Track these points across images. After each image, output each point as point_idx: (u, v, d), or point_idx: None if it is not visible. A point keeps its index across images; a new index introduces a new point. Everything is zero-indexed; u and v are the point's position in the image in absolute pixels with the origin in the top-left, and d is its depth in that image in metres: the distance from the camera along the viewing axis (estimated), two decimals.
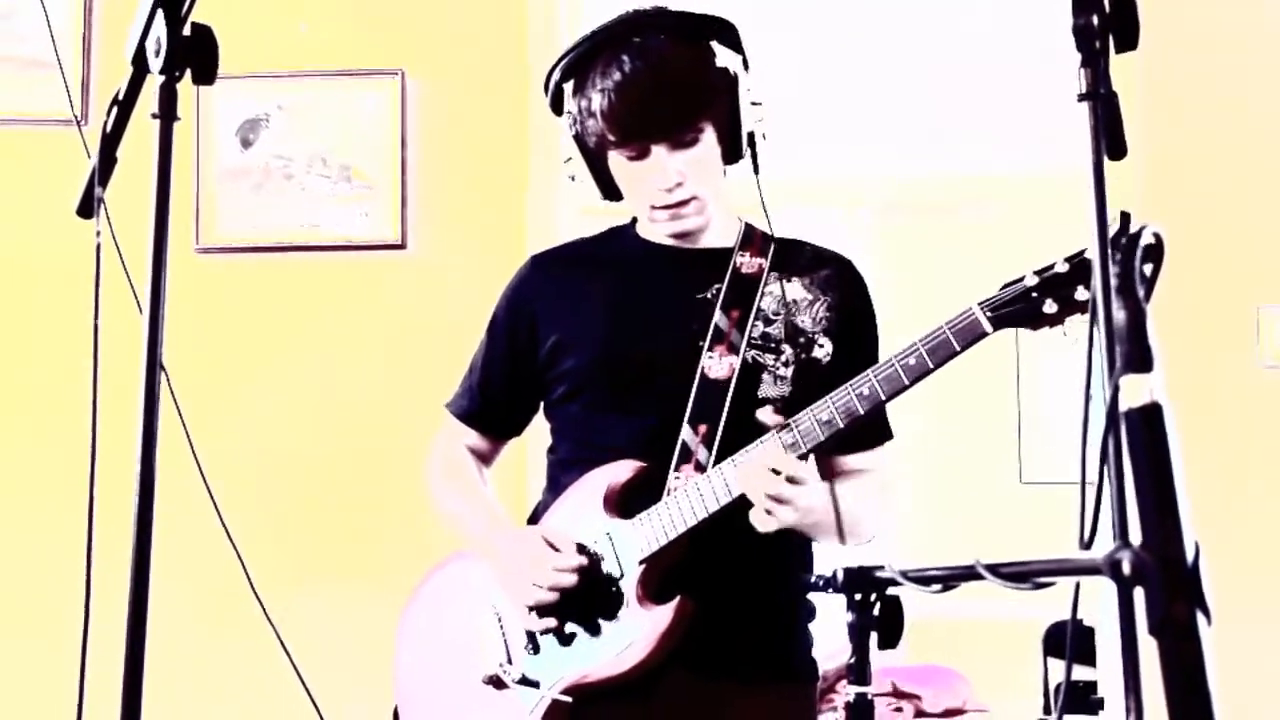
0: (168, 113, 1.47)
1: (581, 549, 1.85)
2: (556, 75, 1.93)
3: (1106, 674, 3.36)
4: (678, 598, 1.80)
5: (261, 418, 3.13)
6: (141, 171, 1.51)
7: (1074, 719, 3.94)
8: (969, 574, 1.14)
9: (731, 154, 1.91)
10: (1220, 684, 0.86)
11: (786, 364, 1.88)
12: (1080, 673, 3.89)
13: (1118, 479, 1.37)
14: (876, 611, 1.33)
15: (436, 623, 2.02)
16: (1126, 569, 0.84)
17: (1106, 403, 1.16)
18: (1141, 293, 0.88)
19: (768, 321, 1.90)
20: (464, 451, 2.09)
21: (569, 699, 1.82)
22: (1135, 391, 0.86)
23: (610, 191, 1.94)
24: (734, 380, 1.85)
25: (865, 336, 1.96)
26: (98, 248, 1.58)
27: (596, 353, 1.91)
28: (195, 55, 1.48)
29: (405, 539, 3.04)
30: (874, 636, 1.34)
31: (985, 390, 5.75)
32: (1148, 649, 0.94)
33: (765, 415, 1.78)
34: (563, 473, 1.96)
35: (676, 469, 1.84)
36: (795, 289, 1.93)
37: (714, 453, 1.82)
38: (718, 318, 1.89)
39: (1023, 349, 5.74)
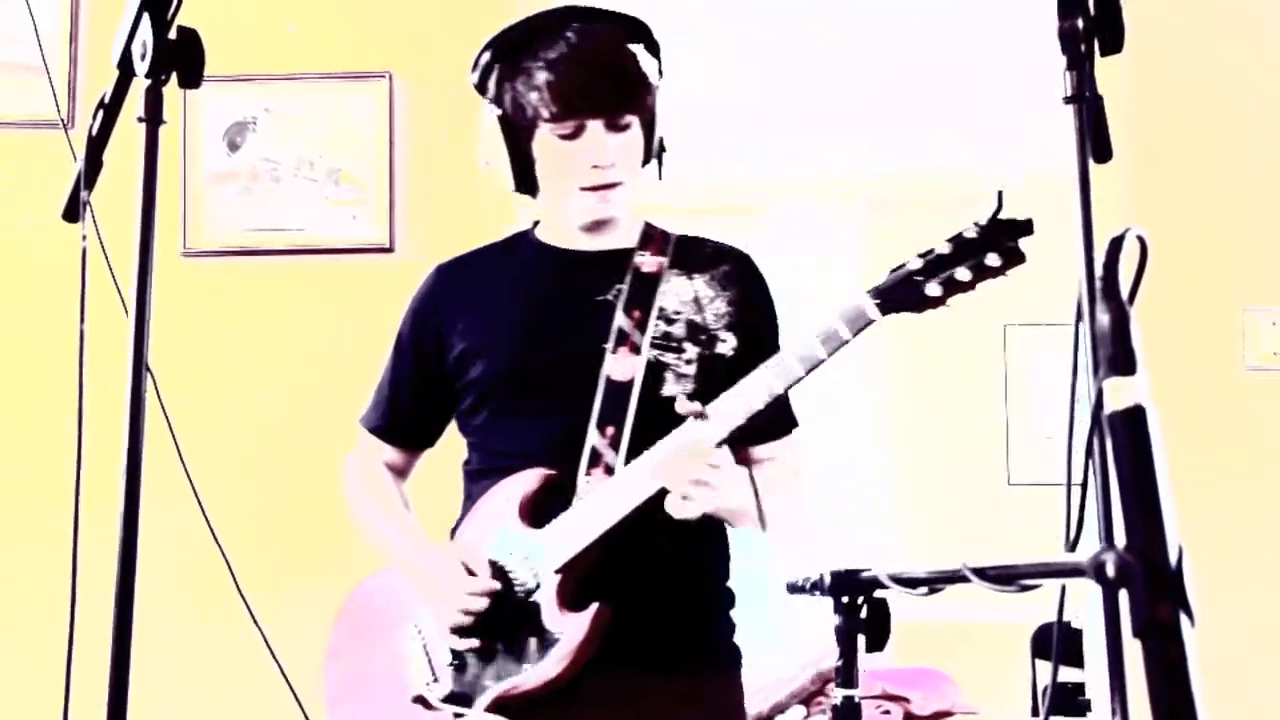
0: (154, 116, 1.48)
1: (496, 568, 1.85)
2: (487, 56, 1.93)
3: (1094, 676, 3.37)
4: (595, 606, 1.81)
5: (248, 420, 3.12)
6: (128, 175, 1.51)
7: None
8: (956, 577, 1.14)
9: (645, 155, 1.93)
10: (1204, 685, 0.86)
11: (689, 362, 1.89)
12: (1068, 674, 3.89)
13: (1102, 481, 1.38)
14: (864, 614, 1.33)
15: (361, 643, 2.02)
16: (1111, 571, 0.85)
17: (1090, 406, 1.16)
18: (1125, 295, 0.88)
19: (669, 320, 1.91)
20: (380, 467, 2.09)
21: (497, 717, 1.82)
22: (1119, 394, 0.87)
23: (525, 182, 1.94)
24: (638, 381, 1.86)
25: (766, 330, 1.98)
26: (84, 251, 1.57)
27: (501, 361, 1.92)
28: (181, 58, 1.48)
29: None
30: (861, 639, 1.34)
31: (973, 392, 5.77)
32: (1133, 650, 0.94)
33: (682, 404, 1.78)
34: (475, 484, 1.96)
35: (586, 473, 1.84)
36: (696, 286, 1.94)
37: (622, 455, 1.83)
38: (619, 319, 1.90)
39: (1010, 351, 5.76)
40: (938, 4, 4.27)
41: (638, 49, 1.91)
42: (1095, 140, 1.52)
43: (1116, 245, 0.91)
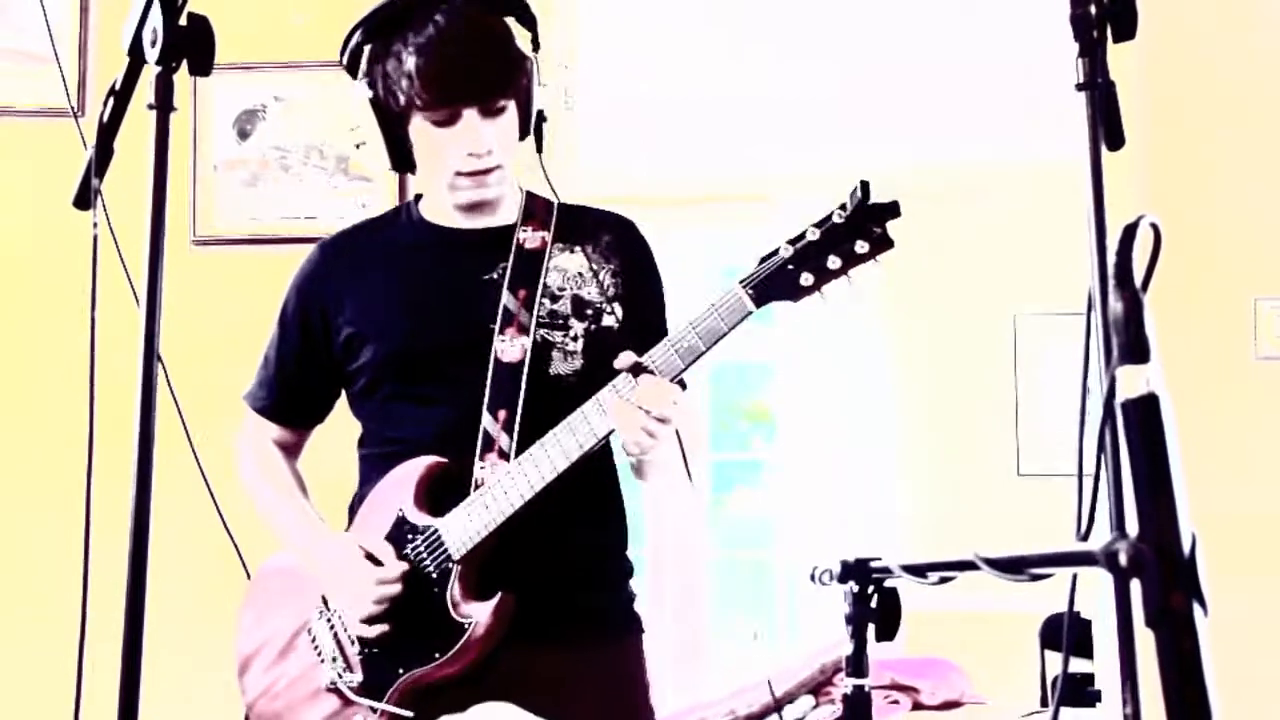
0: (164, 104, 1.47)
1: (400, 553, 1.85)
2: (357, 37, 1.91)
3: (1104, 666, 3.36)
4: (499, 595, 1.81)
5: None
6: (138, 163, 1.50)
7: (1071, 711, 3.94)
8: (966, 566, 1.14)
9: (523, 130, 1.90)
10: (1217, 675, 0.86)
11: (575, 339, 1.88)
12: (1077, 665, 3.89)
13: (1114, 470, 1.37)
14: (874, 604, 1.33)
15: (274, 626, 2.00)
16: (1123, 560, 0.84)
17: (1103, 394, 1.16)
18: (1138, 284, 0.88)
19: (554, 298, 1.90)
20: (271, 447, 2.07)
21: (409, 713, 1.83)
22: (1132, 382, 0.86)
23: (402, 162, 1.92)
24: (526, 361, 1.85)
25: (651, 298, 1.97)
26: (94, 239, 1.57)
27: (390, 346, 1.90)
28: (192, 46, 1.48)
29: None
30: (872, 629, 1.34)
31: (983, 382, 5.75)
32: (1144, 641, 0.94)
33: (623, 358, 1.75)
34: (371, 466, 1.96)
35: (481, 458, 1.83)
36: (578, 260, 1.93)
37: (515, 438, 1.82)
38: (505, 299, 1.88)
39: (1020, 340, 5.74)
40: None
41: (510, 22, 1.88)
42: (1108, 127, 1.52)
43: (1130, 233, 0.91)
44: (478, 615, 1.81)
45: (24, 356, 3.14)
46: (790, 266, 1.69)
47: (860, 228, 1.68)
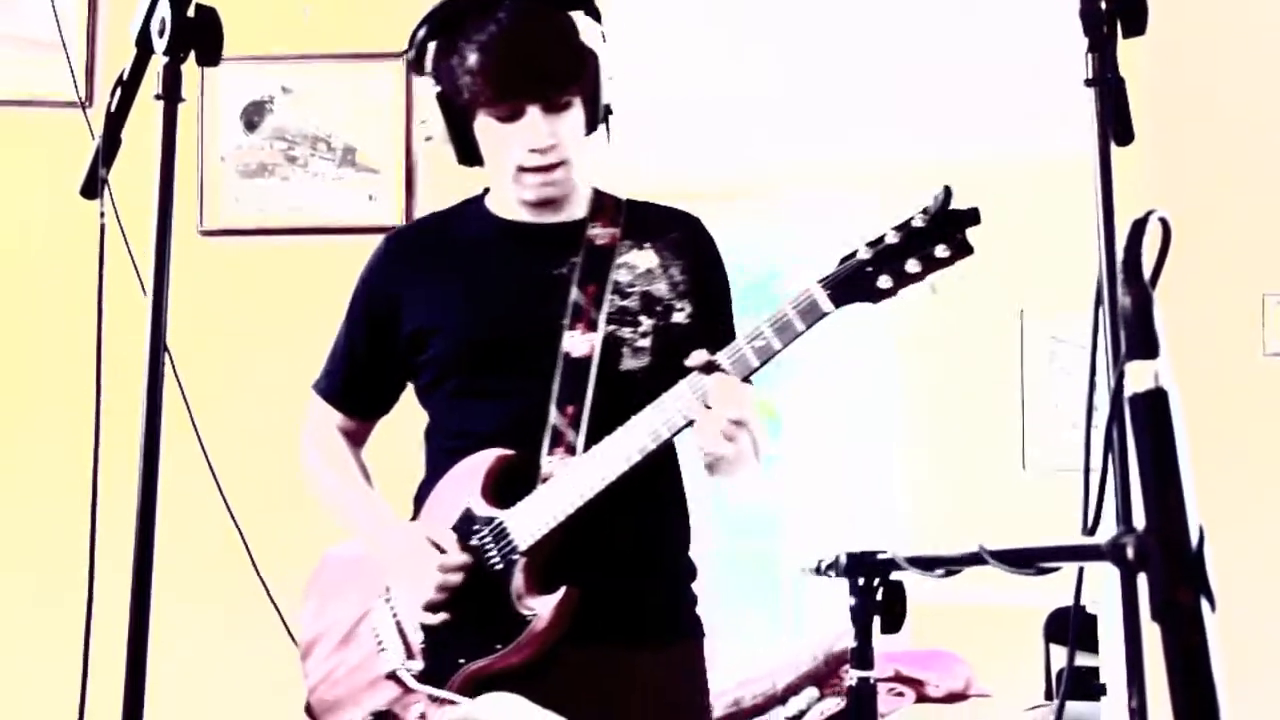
0: (172, 94, 1.47)
1: (465, 543, 1.85)
2: (423, 32, 1.91)
3: (1108, 660, 3.36)
4: (563, 589, 1.81)
5: (264, 400, 3.13)
6: (145, 153, 1.51)
7: (1076, 705, 3.95)
8: (973, 559, 1.14)
9: (591, 124, 1.90)
10: (1224, 670, 0.86)
11: (645, 335, 1.88)
12: (1082, 659, 3.89)
13: (1121, 465, 1.37)
14: (880, 596, 1.33)
15: (338, 614, 2.00)
16: (1130, 554, 0.84)
17: (1111, 388, 1.15)
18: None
19: (623, 294, 1.89)
20: (337, 435, 2.07)
21: (465, 699, 1.83)
22: (1140, 376, 0.86)
23: (468, 156, 1.92)
24: (595, 358, 1.85)
25: (719, 295, 1.97)
26: (102, 229, 1.58)
27: (459, 340, 1.90)
28: (200, 36, 1.48)
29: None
30: (877, 621, 1.34)
31: (989, 378, 5.75)
32: (1151, 635, 0.94)
33: (696, 357, 1.75)
34: (437, 459, 1.96)
35: (549, 453, 1.83)
36: (648, 257, 1.92)
37: (583, 434, 1.82)
38: (574, 294, 1.88)
39: (1026, 336, 5.74)
40: None
41: (577, 16, 1.87)
42: (1117, 123, 1.51)
43: (1140, 228, 0.90)
44: (540, 609, 1.81)
45: (31, 346, 3.14)
46: (869, 269, 1.68)
47: (941, 232, 1.66)
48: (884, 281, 1.68)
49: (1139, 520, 0.87)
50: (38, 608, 3.02)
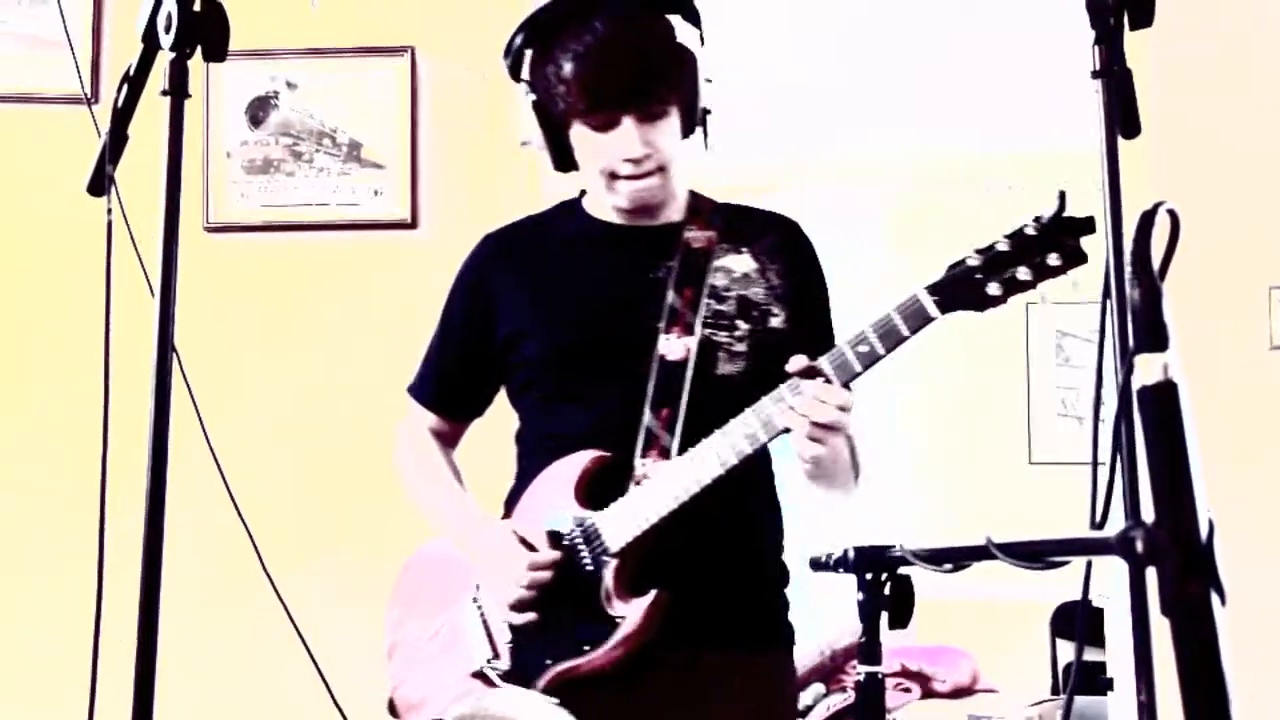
0: (178, 89, 1.47)
1: (556, 543, 1.84)
2: (519, 40, 1.90)
3: (1115, 654, 3.36)
4: (654, 592, 1.80)
5: (271, 396, 3.13)
6: (150, 151, 1.50)
7: (1082, 699, 3.94)
8: (981, 553, 1.14)
9: (688, 128, 1.89)
10: (1234, 664, 0.85)
11: (741, 339, 1.87)
12: (1089, 653, 3.88)
13: (1130, 457, 1.37)
14: (887, 591, 1.33)
15: (423, 612, 2.01)
16: (1140, 547, 0.84)
17: (1120, 381, 1.15)
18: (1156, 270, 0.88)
19: (720, 298, 1.89)
20: (430, 438, 2.08)
21: (554, 700, 1.82)
22: (1150, 369, 0.86)
23: (565, 162, 1.92)
24: (691, 361, 1.85)
25: (817, 300, 1.96)
26: (109, 225, 1.58)
27: (554, 342, 1.90)
28: (206, 31, 1.48)
29: (414, 517, 3.05)
30: (884, 616, 1.34)
31: (994, 370, 5.74)
32: (1159, 629, 0.94)
33: (793, 364, 1.73)
34: (530, 461, 1.95)
35: (643, 455, 1.83)
36: (745, 260, 1.92)
37: (677, 437, 1.81)
38: (671, 297, 1.88)
39: (1032, 328, 5.73)
40: None
41: (675, 20, 1.87)
42: (1124, 115, 1.51)
43: (1148, 220, 0.90)
44: (631, 611, 1.80)
45: (39, 343, 3.15)
46: (978, 276, 1.66)
47: (1054, 240, 1.63)
48: (993, 289, 1.66)
49: (1148, 514, 0.86)
50: (47, 603, 3.03)
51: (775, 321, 1.89)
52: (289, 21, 3.15)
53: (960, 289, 1.67)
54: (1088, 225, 1.62)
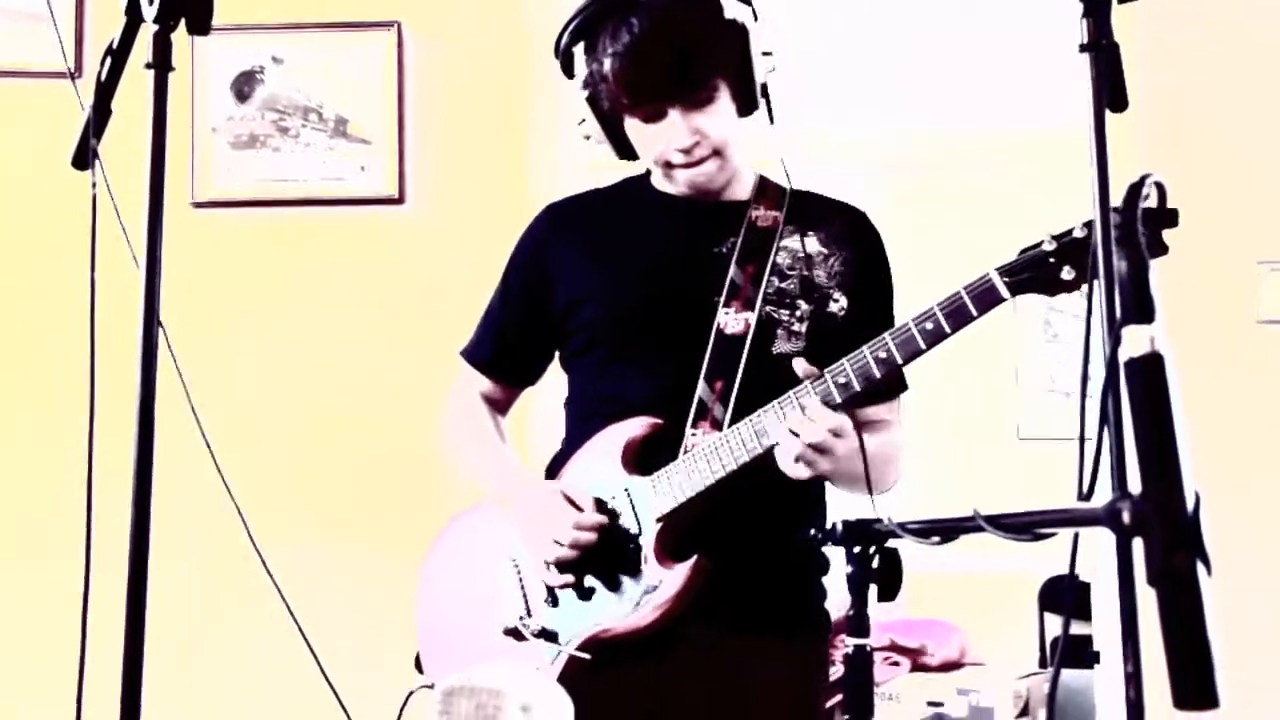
0: (162, 63, 1.46)
1: (601, 506, 1.86)
2: (565, 39, 1.91)
3: (1101, 628, 3.38)
4: (695, 557, 1.81)
5: (259, 372, 3.13)
6: (134, 127, 1.49)
7: (1070, 673, 3.96)
8: (969, 526, 1.14)
9: (746, 106, 1.89)
10: (1219, 635, 0.86)
11: (801, 319, 1.88)
12: (1076, 627, 3.90)
13: (1117, 430, 1.37)
14: (875, 564, 1.33)
15: (457, 571, 2.03)
16: (1126, 519, 0.84)
17: (1107, 353, 1.15)
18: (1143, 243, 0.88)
19: (782, 276, 1.90)
20: (479, 400, 2.09)
21: (587, 655, 1.83)
22: (1136, 341, 0.86)
23: (626, 151, 1.93)
24: (749, 336, 1.85)
25: (881, 291, 1.96)
26: (94, 199, 1.57)
27: (612, 307, 1.92)
28: (190, 4, 1.47)
29: (403, 494, 3.05)
30: (873, 589, 1.34)
31: (983, 346, 5.75)
32: (1145, 600, 0.94)
33: (800, 366, 1.76)
34: (579, 426, 1.97)
35: (694, 425, 1.84)
36: (810, 243, 1.93)
37: (730, 409, 1.82)
38: (733, 272, 1.89)
39: (1021, 304, 5.74)
40: None
41: None
42: (1111, 89, 1.51)
43: (1135, 192, 0.90)
44: (671, 576, 1.81)
45: (23, 319, 3.13)
46: (1053, 260, 1.66)
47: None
48: (1067, 273, 1.66)
49: (1135, 486, 0.87)
50: (32, 585, 3.02)
51: (835, 306, 1.90)
52: None
53: (1034, 271, 1.67)
54: (1171, 219, 1.62)
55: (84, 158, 1.55)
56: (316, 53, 3.11)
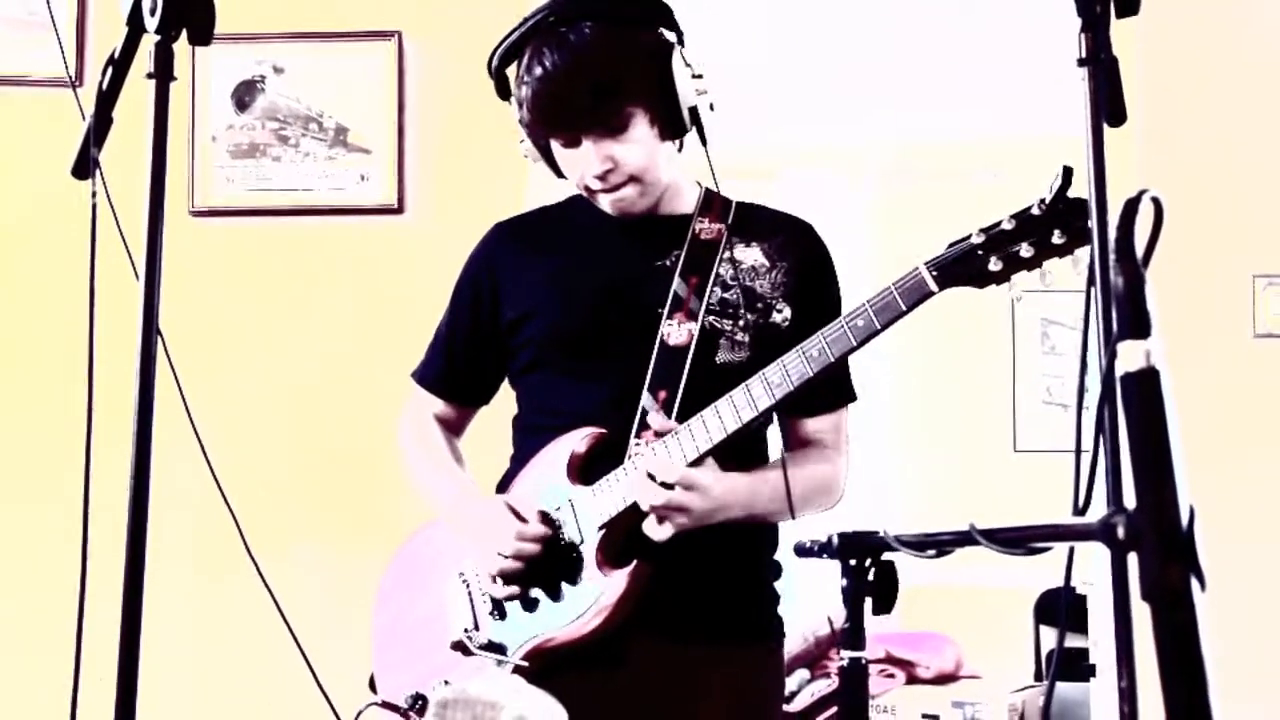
0: (163, 72, 1.47)
1: (544, 517, 1.87)
2: (496, 61, 1.94)
3: (1097, 641, 3.38)
4: (634, 562, 1.81)
5: (256, 381, 3.13)
6: (135, 136, 1.50)
7: (1065, 686, 3.96)
8: (964, 539, 1.14)
9: (671, 129, 1.89)
10: (1214, 650, 0.86)
11: (745, 329, 1.89)
12: (1072, 639, 3.90)
13: (1112, 444, 1.37)
14: (871, 577, 1.33)
15: (408, 590, 2.04)
16: (1121, 534, 0.85)
17: (1103, 368, 1.16)
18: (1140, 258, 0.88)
19: (725, 287, 1.90)
20: (431, 421, 2.10)
21: (526, 663, 1.83)
22: (1132, 356, 0.86)
23: (560, 171, 1.95)
24: (693, 346, 1.86)
25: (825, 300, 1.96)
26: (93, 209, 1.57)
27: (556, 322, 1.93)
28: (191, 14, 1.47)
29: (398, 501, 3.04)
30: (868, 602, 1.34)
31: (980, 358, 5.76)
32: (1140, 615, 0.94)
33: (655, 420, 1.80)
34: (527, 441, 1.98)
35: (638, 435, 1.85)
36: (754, 254, 1.93)
37: (674, 419, 1.83)
38: (676, 284, 1.90)
39: (1019, 316, 5.75)
40: None
41: (643, 26, 1.86)
42: (1109, 103, 1.51)
43: (1132, 207, 0.91)
44: (611, 581, 1.82)
45: (23, 328, 3.14)
46: (980, 252, 1.66)
47: (1060, 219, 1.63)
48: (994, 264, 1.66)
49: (1130, 500, 0.87)
50: (29, 589, 3.02)
51: (779, 316, 1.91)
52: (275, 5, 3.14)
53: (961, 265, 1.67)
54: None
55: (84, 167, 1.56)
56: (317, 62, 3.12)
